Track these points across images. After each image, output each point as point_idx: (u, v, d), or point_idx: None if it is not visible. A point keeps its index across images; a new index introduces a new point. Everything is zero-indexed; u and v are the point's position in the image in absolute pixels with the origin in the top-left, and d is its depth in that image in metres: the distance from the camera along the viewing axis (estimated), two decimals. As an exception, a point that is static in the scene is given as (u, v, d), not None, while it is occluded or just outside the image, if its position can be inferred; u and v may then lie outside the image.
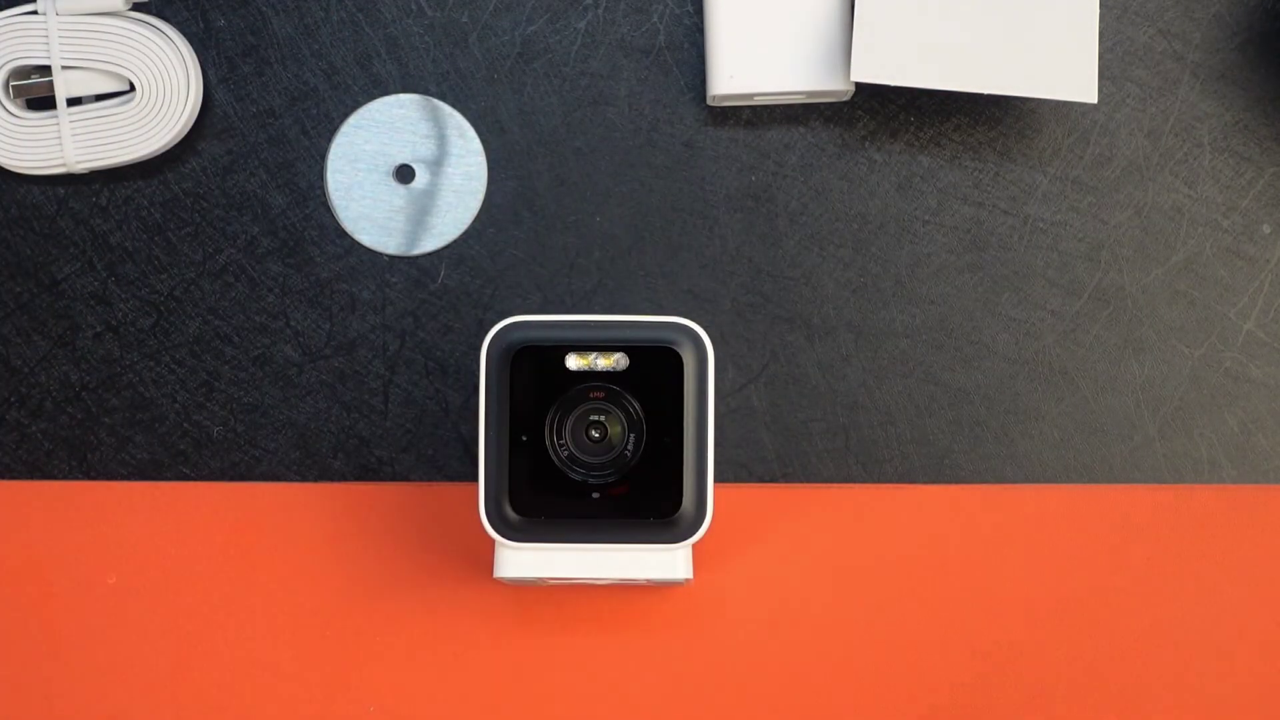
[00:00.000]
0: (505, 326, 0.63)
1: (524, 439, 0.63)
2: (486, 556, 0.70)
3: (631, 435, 0.63)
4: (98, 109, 0.69)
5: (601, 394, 0.63)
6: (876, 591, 0.70)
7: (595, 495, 0.63)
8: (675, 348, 0.63)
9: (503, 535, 0.63)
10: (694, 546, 0.67)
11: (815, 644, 0.70)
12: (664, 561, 0.64)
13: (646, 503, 0.63)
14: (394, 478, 0.70)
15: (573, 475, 0.63)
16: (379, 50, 0.71)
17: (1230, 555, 0.70)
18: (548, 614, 0.70)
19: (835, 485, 0.70)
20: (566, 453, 0.63)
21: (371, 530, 0.70)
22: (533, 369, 0.63)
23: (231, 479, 0.70)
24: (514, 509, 0.63)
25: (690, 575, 0.65)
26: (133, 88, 0.70)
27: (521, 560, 0.64)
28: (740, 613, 0.70)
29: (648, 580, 0.65)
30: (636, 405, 0.63)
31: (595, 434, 0.63)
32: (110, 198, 0.71)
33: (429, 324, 0.71)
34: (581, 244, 0.71)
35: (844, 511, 0.70)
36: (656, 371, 0.63)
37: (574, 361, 0.63)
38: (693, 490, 0.63)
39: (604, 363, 0.63)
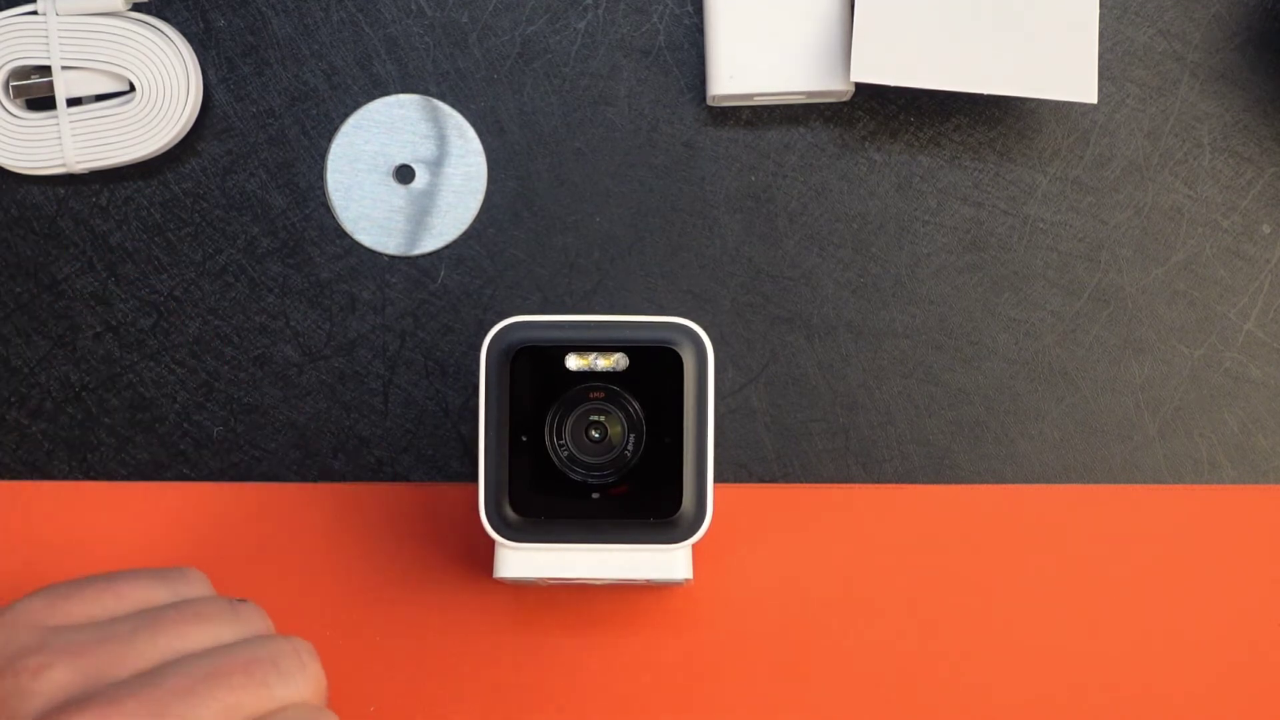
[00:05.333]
0: (505, 327, 0.63)
1: (524, 439, 0.63)
2: (486, 556, 0.70)
3: (631, 435, 0.63)
4: (98, 109, 0.69)
5: (601, 394, 0.63)
6: (876, 591, 0.70)
7: (595, 495, 0.63)
8: (675, 348, 0.63)
9: (503, 535, 0.63)
10: (694, 546, 0.67)
11: (815, 644, 0.70)
12: (664, 561, 0.64)
13: (646, 503, 0.63)
14: (394, 478, 0.70)
15: (573, 475, 0.63)
16: (379, 50, 0.71)
17: (1230, 555, 0.70)
18: (548, 614, 0.70)
19: (835, 485, 0.70)
20: (566, 453, 0.63)
21: (371, 530, 0.70)
22: (533, 369, 0.63)
23: (231, 479, 0.70)
24: (514, 509, 0.63)
25: (690, 575, 0.65)
26: (133, 88, 0.70)
27: (521, 560, 0.64)
28: (740, 613, 0.70)
29: (647, 580, 0.65)
30: (636, 405, 0.63)
31: (595, 434, 0.63)
32: (110, 198, 0.71)
33: (429, 324, 0.71)
34: (581, 244, 0.71)
35: (844, 511, 0.70)
36: (656, 371, 0.63)
37: (574, 361, 0.63)
38: (693, 490, 0.63)
39: (604, 363, 0.63)
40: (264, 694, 0.56)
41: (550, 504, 0.63)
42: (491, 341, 0.63)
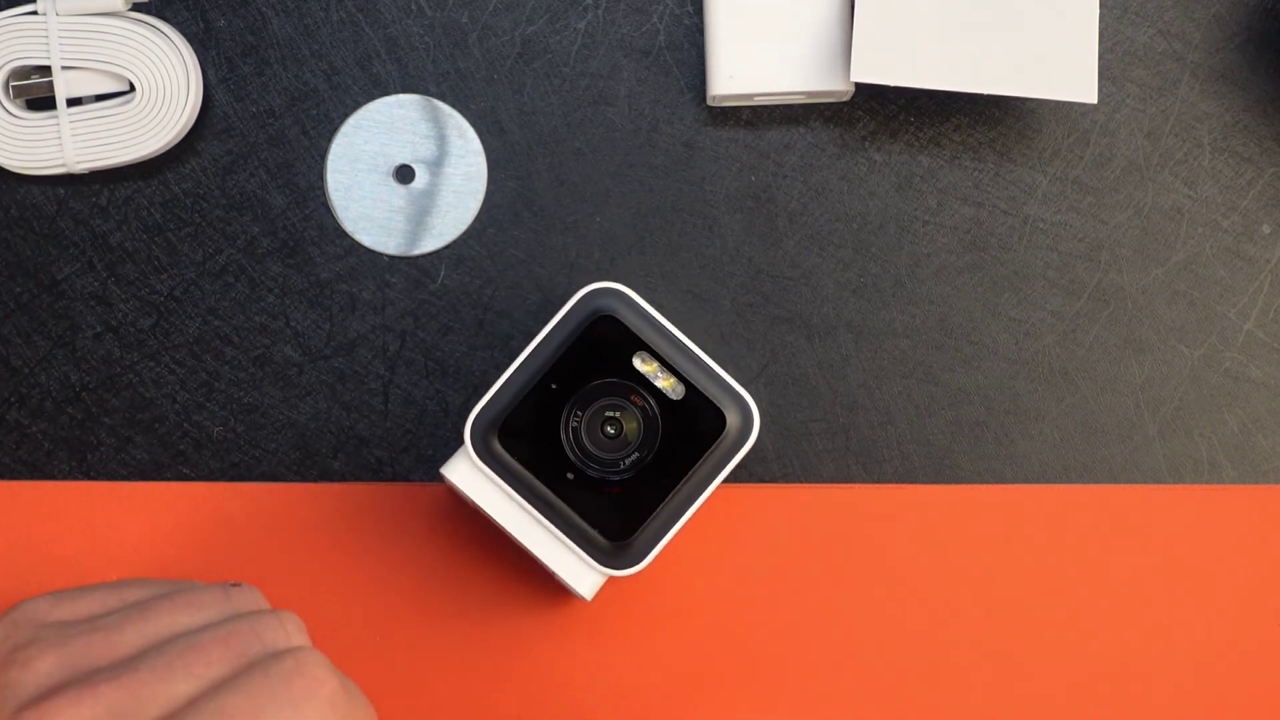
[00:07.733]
0: (607, 289, 0.64)
1: (553, 386, 0.64)
2: (486, 556, 0.70)
3: (636, 454, 0.64)
4: (98, 109, 0.69)
5: (640, 401, 0.64)
6: (876, 591, 0.70)
7: (570, 477, 0.64)
8: (727, 415, 0.64)
9: (476, 451, 0.64)
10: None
11: (815, 644, 0.70)
12: (579, 573, 0.65)
13: (605, 516, 0.64)
14: (394, 478, 0.70)
15: (567, 451, 0.64)
16: (379, 50, 0.71)
17: (1230, 555, 0.70)
18: (547, 614, 0.70)
19: (835, 485, 0.70)
20: (575, 427, 0.64)
21: (372, 530, 0.70)
22: (597, 340, 0.64)
23: (231, 479, 0.70)
24: (500, 437, 0.64)
25: (590, 599, 0.65)
26: (133, 88, 0.70)
27: (469, 477, 0.64)
28: (740, 612, 0.70)
29: (555, 574, 0.65)
30: (661, 434, 0.64)
31: (610, 430, 0.64)
32: (110, 198, 0.71)
33: (429, 324, 0.71)
34: (581, 244, 0.71)
35: (844, 511, 0.70)
36: (698, 421, 0.64)
37: (640, 362, 0.64)
38: (650, 537, 0.64)
39: (664, 382, 0.64)
40: (241, 663, 0.57)
41: (530, 456, 0.64)
42: (587, 296, 0.64)
